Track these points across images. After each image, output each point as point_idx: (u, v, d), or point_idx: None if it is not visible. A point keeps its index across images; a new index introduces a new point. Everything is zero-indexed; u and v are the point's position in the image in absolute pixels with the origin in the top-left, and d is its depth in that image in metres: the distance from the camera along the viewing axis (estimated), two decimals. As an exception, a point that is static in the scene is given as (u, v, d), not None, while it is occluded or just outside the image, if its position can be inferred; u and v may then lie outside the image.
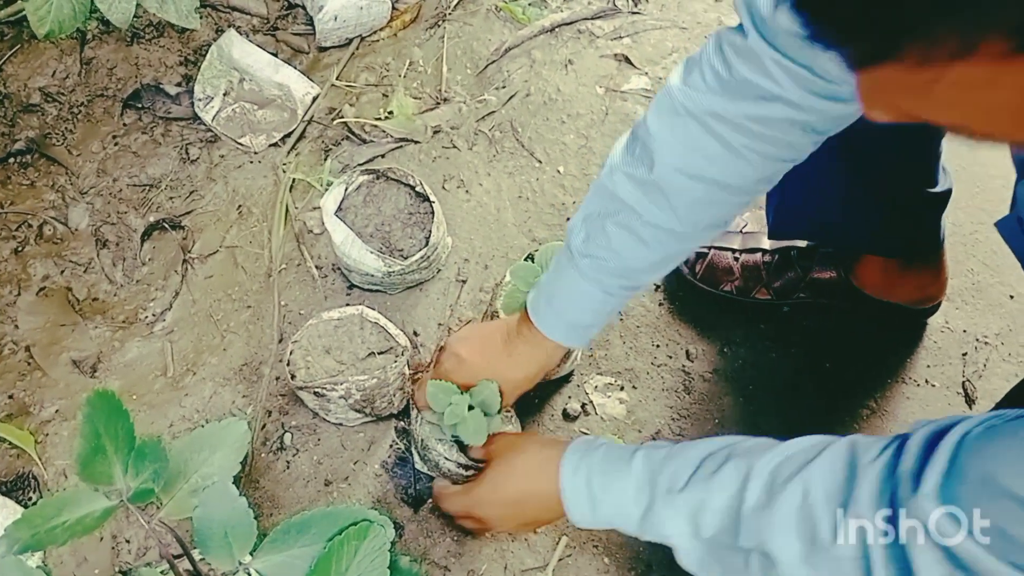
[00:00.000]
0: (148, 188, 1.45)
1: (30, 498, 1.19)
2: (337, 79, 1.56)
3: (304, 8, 1.63)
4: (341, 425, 1.23)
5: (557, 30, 1.64)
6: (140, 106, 1.52)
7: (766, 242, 1.31)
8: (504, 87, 1.57)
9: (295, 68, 1.55)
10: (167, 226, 1.42)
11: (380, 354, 1.18)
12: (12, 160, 1.47)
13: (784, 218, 1.20)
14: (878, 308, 1.29)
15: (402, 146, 1.50)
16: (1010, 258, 1.35)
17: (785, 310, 1.33)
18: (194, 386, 1.28)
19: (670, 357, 1.31)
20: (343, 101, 1.54)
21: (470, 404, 1.05)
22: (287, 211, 1.42)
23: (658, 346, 1.32)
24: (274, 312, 1.33)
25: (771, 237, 1.27)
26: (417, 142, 1.50)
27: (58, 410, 1.26)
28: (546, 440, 1.06)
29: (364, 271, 1.27)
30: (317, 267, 1.37)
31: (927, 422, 0.67)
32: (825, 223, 1.18)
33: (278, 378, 1.27)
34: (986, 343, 1.32)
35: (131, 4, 1.25)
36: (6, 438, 1.21)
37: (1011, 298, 1.36)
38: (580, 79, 1.57)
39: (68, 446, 1.23)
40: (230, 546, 0.82)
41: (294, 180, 1.46)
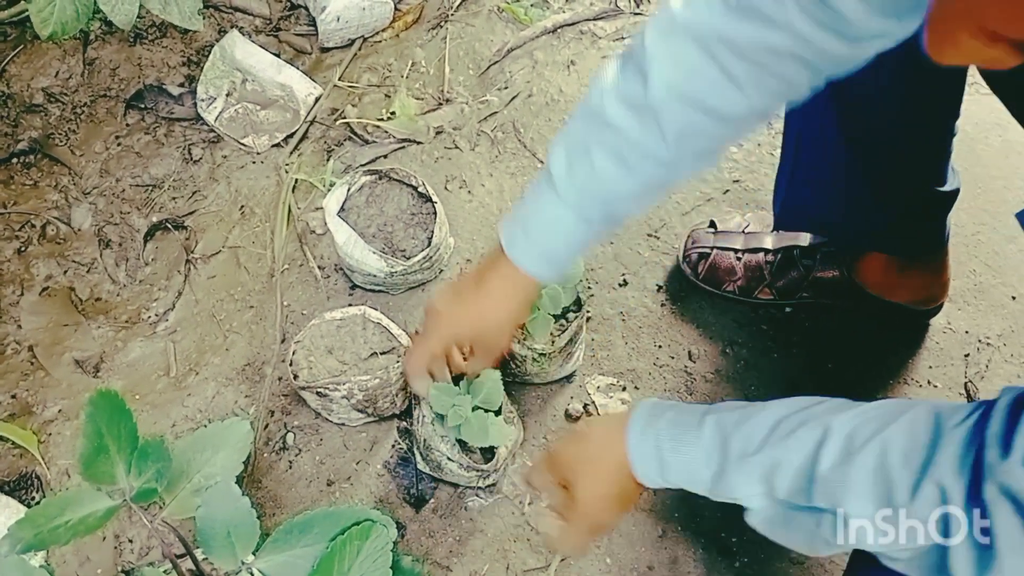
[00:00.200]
0: (151, 188, 1.46)
1: (33, 498, 1.19)
2: (339, 80, 1.57)
3: (306, 9, 1.63)
4: (343, 425, 1.24)
5: (559, 31, 1.64)
6: (143, 107, 1.53)
7: (768, 242, 1.31)
8: (506, 88, 1.57)
9: (298, 69, 1.55)
10: (170, 226, 1.42)
11: (382, 354, 1.19)
12: (15, 160, 1.47)
13: (792, 210, 1.20)
14: (881, 307, 1.28)
15: (404, 147, 1.50)
16: (1012, 259, 1.34)
17: (787, 311, 1.33)
18: (197, 386, 1.28)
19: (672, 358, 1.31)
20: (345, 102, 1.55)
21: (473, 405, 1.05)
22: (290, 211, 1.42)
23: (660, 347, 1.32)
24: (277, 312, 1.33)
25: (777, 228, 1.27)
26: (419, 143, 1.51)
27: (61, 410, 1.27)
28: (608, 416, 1.04)
29: (366, 271, 1.27)
30: (319, 267, 1.37)
31: (1014, 388, 0.66)
32: (832, 216, 1.18)
33: (280, 378, 1.27)
34: (988, 344, 1.32)
35: (134, 5, 1.25)
36: (9, 438, 1.22)
37: (1013, 299, 1.36)
38: (582, 80, 1.57)
39: (71, 446, 1.23)
40: (233, 546, 0.82)
41: (296, 180, 1.46)
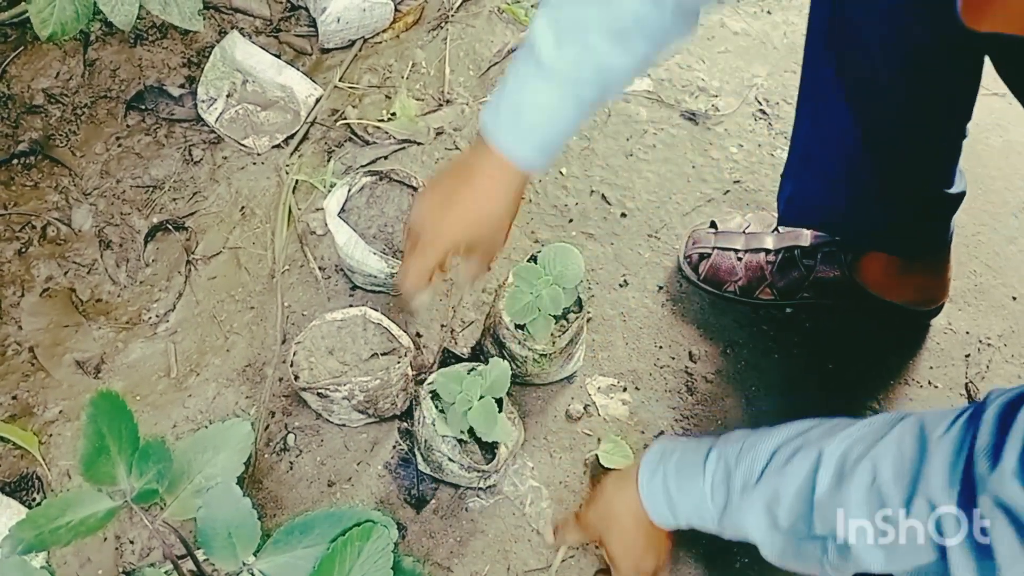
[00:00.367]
0: (151, 189, 1.46)
1: (34, 499, 1.19)
2: (340, 81, 1.57)
3: (307, 10, 1.63)
4: (344, 426, 1.24)
5: (559, 31, 1.64)
6: (143, 108, 1.53)
7: (769, 242, 1.31)
8: (507, 88, 1.57)
9: (298, 70, 1.55)
10: (170, 227, 1.42)
11: (383, 355, 1.19)
12: (16, 161, 1.47)
13: (798, 205, 1.20)
14: (882, 307, 1.28)
15: (405, 147, 1.50)
16: (1013, 260, 1.35)
17: (788, 311, 1.33)
18: (197, 387, 1.28)
19: (673, 358, 1.31)
20: (346, 103, 1.55)
21: (481, 394, 1.06)
22: (290, 212, 1.43)
23: (660, 347, 1.32)
24: (277, 313, 1.33)
25: (780, 224, 1.27)
26: (420, 143, 1.51)
27: (62, 411, 1.26)
28: (618, 471, 1.08)
29: (367, 272, 1.27)
30: (320, 268, 1.37)
31: (1000, 392, 0.65)
32: (838, 213, 1.18)
33: (281, 379, 1.27)
34: (989, 345, 1.32)
35: (134, 6, 1.25)
36: (10, 439, 1.22)
37: (1014, 300, 1.36)
38: (582, 80, 1.57)
39: (72, 447, 1.23)
40: (234, 547, 0.82)
41: (297, 181, 1.46)
